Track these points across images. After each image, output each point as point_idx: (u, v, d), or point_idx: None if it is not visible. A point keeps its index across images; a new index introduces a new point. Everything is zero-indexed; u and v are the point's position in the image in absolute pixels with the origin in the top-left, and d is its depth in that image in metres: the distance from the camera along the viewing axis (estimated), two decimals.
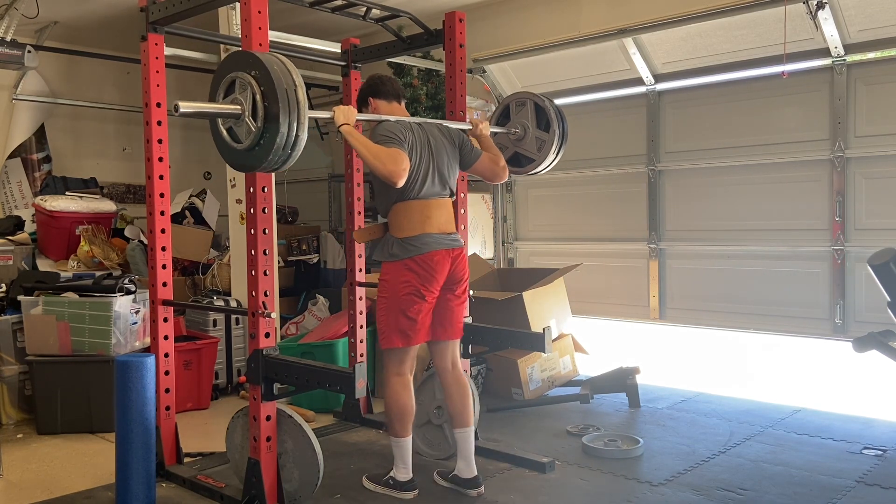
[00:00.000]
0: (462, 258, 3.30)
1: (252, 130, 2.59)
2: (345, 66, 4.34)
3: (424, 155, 3.19)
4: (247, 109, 2.60)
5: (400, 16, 3.91)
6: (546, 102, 3.75)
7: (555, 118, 3.72)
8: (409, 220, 3.18)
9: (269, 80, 2.54)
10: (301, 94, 2.57)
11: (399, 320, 3.17)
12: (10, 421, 4.38)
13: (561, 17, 5.62)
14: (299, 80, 2.60)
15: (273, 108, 2.53)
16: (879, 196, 4.57)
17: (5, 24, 5.54)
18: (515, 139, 3.83)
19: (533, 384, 4.78)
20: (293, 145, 2.59)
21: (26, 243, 5.47)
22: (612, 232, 5.75)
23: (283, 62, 2.62)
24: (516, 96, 3.89)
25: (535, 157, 3.79)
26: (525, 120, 3.80)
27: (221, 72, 2.73)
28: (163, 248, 3.50)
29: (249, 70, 2.60)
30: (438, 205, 3.24)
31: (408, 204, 3.18)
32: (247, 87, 2.59)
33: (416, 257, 3.14)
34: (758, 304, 5.02)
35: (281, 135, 2.54)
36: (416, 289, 3.14)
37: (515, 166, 3.86)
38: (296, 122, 2.56)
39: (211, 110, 2.68)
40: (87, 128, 6.94)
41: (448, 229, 3.26)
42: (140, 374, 3.06)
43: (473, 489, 3.29)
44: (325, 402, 4.57)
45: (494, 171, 3.44)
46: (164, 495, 3.30)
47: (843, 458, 3.69)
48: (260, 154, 2.61)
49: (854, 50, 4.57)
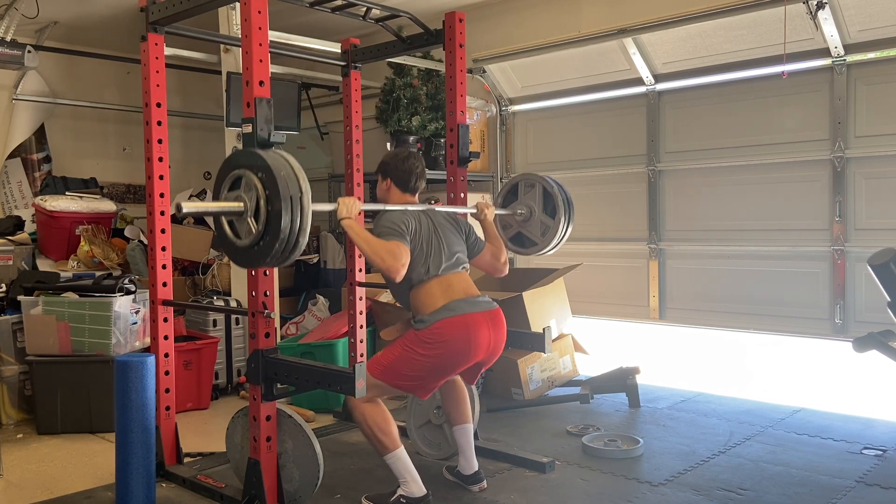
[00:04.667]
0: (501, 324, 3.12)
1: (252, 231, 2.59)
2: (345, 66, 4.34)
3: (433, 239, 3.13)
4: (249, 209, 2.58)
5: (400, 16, 3.91)
6: (555, 188, 3.72)
7: (562, 205, 3.70)
8: (432, 297, 3.05)
9: (275, 184, 2.51)
10: (307, 201, 2.55)
11: (413, 375, 3.01)
12: (10, 421, 4.38)
13: (561, 17, 5.62)
14: (306, 186, 2.57)
15: (276, 213, 2.51)
16: (879, 196, 4.57)
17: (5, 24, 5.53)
18: (521, 220, 3.83)
19: (533, 384, 4.78)
20: (292, 249, 2.57)
21: (26, 243, 5.47)
22: (612, 232, 5.75)
23: (292, 166, 2.58)
24: (525, 177, 3.89)
25: (538, 241, 3.80)
26: (532, 202, 3.79)
27: (228, 166, 2.71)
28: (163, 248, 3.50)
29: (256, 171, 2.58)
30: (458, 276, 3.15)
31: (426, 284, 3.07)
32: (252, 187, 2.57)
33: (451, 321, 2.97)
34: (758, 304, 5.02)
35: (281, 241, 2.52)
36: (443, 363, 2.99)
37: (518, 246, 3.88)
38: (297, 228, 2.54)
39: (214, 209, 2.66)
40: (87, 128, 6.94)
41: (474, 293, 3.15)
42: (140, 374, 3.05)
43: (475, 484, 3.31)
44: (325, 402, 4.57)
45: (495, 267, 3.38)
46: (164, 495, 3.30)
47: (843, 458, 3.69)
48: (258, 254, 2.60)
49: (854, 50, 4.57)
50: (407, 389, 3.09)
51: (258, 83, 2.84)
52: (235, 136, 4.55)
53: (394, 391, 3.10)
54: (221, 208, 2.63)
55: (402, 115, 5.67)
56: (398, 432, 3.10)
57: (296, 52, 4.63)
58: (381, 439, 3.04)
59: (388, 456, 3.06)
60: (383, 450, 3.06)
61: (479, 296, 3.15)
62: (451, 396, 3.38)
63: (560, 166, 5.96)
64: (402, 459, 3.07)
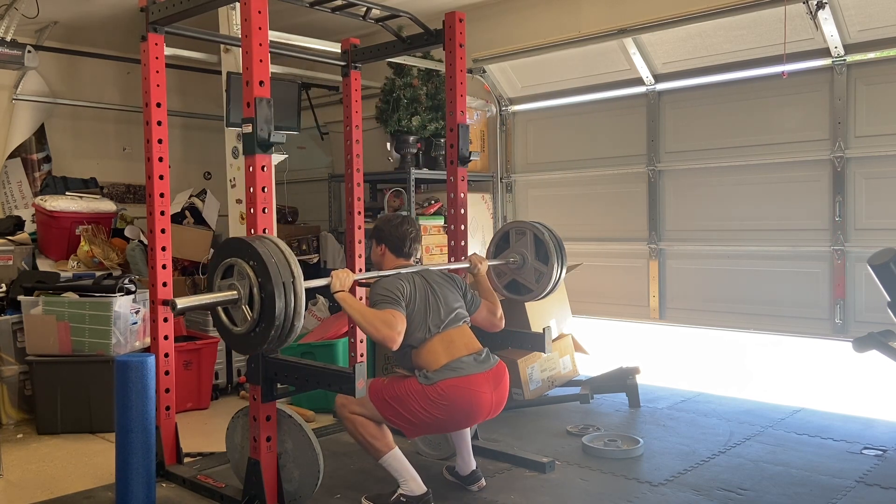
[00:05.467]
0: (504, 382, 3.12)
1: (248, 319, 2.63)
2: (345, 66, 4.34)
3: (429, 298, 3.14)
4: (243, 296, 2.63)
5: (400, 16, 3.91)
6: (545, 235, 3.74)
7: (553, 252, 3.72)
8: (435, 354, 3.05)
9: (266, 273, 2.57)
10: (299, 286, 2.59)
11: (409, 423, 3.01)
12: (10, 421, 4.38)
13: (561, 17, 5.62)
14: (298, 271, 2.62)
15: (269, 299, 2.56)
16: (879, 196, 4.57)
17: (5, 24, 5.53)
18: (514, 267, 3.85)
19: (533, 384, 4.77)
20: (289, 333, 2.62)
21: (26, 243, 5.47)
22: (613, 232, 5.74)
23: (283, 251, 2.63)
24: (516, 225, 3.92)
25: (533, 288, 3.83)
26: (524, 249, 3.82)
27: (220, 255, 2.76)
28: (163, 248, 3.50)
29: (247, 259, 2.62)
30: (459, 331, 3.16)
31: (427, 343, 3.08)
32: (245, 275, 2.62)
33: (453, 381, 2.96)
34: (758, 304, 5.02)
35: (276, 327, 2.57)
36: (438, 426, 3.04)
37: (513, 293, 3.90)
38: (292, 313, 2.58)
39: (209, 301, 2.71)
40: (87, 128, 6.93)
41: (476, 348, 3.15)
42: (140, 374, 3.06)
43: (473, 483, 3.32)
44: (325, 402, 4.56)
45: (492, 322, 3.39)
46: (164, 495, 3.30)
47: (843, 458, 3.69)
48: (256, 340, 2.65)
49: (854, 50, 4.57)
50: (396, 426, 3.07)
51: (258, 83, 2.84)
52: (235, 136, 4.55)
53: (382, 420, 3.08)
54: (216, 299, 2.68)
55: (402, 115, 5.67)
56: (391, 433, 3.10)
57: (296, 52, 4.63)
58: (373, 444, 3.06)
59: (383, 459, 3.06)
60: (377, 454, 3.07)
61: (482, 351, 3.15)
62: None
63: (560, 166, 5.96)
64: (398, 460, 3.07)
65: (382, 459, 3.06)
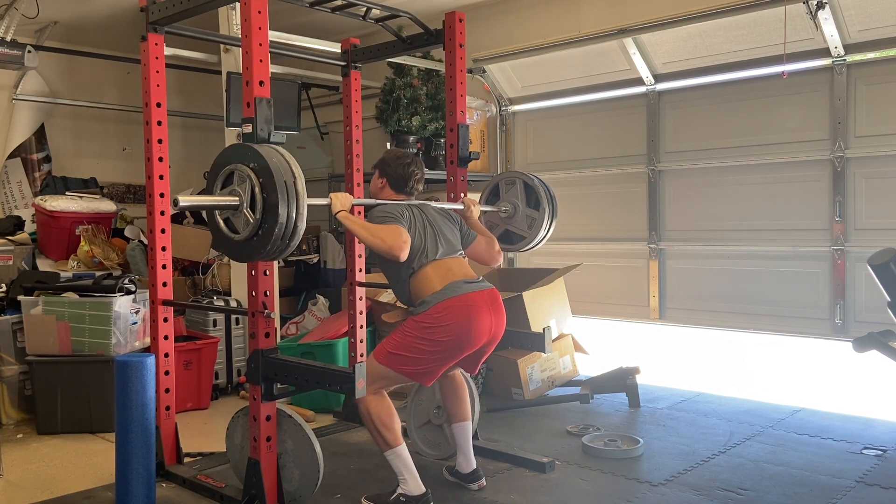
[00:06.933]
0: (499, 304, 3.13)
1: (250, 222, 2.60)
2: (345, 66, 4.34)
3: (427, 228, 3.15)
4: (245, 201, 2.61)
5: (400, 16, 3.91)
6: (535, 181, 3.79)
7: (544, 196, 3.76)
8: (431, 281, 3.05)
9: (268, 172, 2.55)
10: (300, 185, 2.58)
11: (418, 359, 2.99)
12: (10, 421, 4.38)
13: (561, 17, 5.62)
14: (298, 171, 2.60)
15: (272, 200, 2.53)
16: (879, 196, 4.57)
17: (5, 24, 5.53)
18: (506, 217, 3.87)
19: (533, 384, 4.78)
20: (291, 235, 2.59)
21: (26, 243, 5.47)
22: (613, 232, 5.75)
23: (282, 154, 2.63)
24: (505, 176, 3.96)
25: (526, 234, 3.84)
26: (515, 198, 3.85)
27: (219, 164, 2.73)
28: (163, 248, 3.50)
29: (248, 162, 2.61)
30: (456, 261, 3.17)
31: (424, 270, 3.07)
32: (245, 178, 2.60)
33: (453, 301, 2.97)
34: (758, 304, 5.02)
35: (280, 225, 2.54)
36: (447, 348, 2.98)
37: (507, 243, 3.91)
38: (295, 213, 2.56)
39: (210, 203, 2.69)
40: (87, 128, 6.94)
41: (471, 275, 3.16)
42: (140, 374, 3.05)
43: (474, 482, 3.32)
44: (325, 402, 4.57)
45: (490, 255, 3.39)
46: (164, 495, 3.30)
47: (843, 458, 3.69)
48: (258, 244, 2.61)
49: (854, 50, 4.57)
50: (411, 376, 3.06)
51: (258, 83, 2.84)
52: (235, 135, 4.55)
53: (398, 379, 3.07)
54: (218, 202, 2.66)
55: (402, 115, 5.67)
56: (401, 429, 3.10)
57: (296, 52, 4.63)
58: (383, 434, 3.04)
59: (388, 452, 3.05)
60: (384, 445, 3.05)
61: (478, 279, 3.16)
62: (451, 393, 3.39)
63: (560, 166, 5.96)
64: (402, 457, 3.05)
65: (388, 452, 3.05)
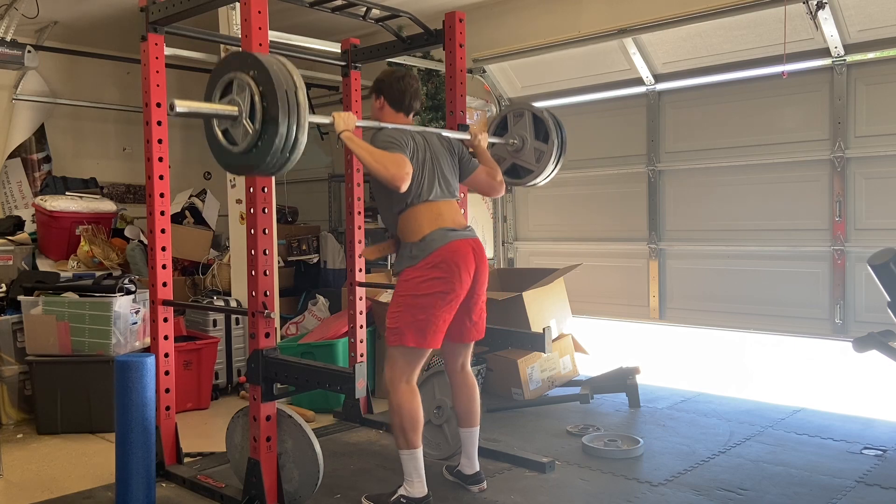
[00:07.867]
0: (482, 252, 3.16)
1: (249, 132, 2.51)
2: (345, 66, 4.34)
3: (427, 160, 3.14)
4: (244, 110, 2.52)
5: (400, 16, 3.91)
6: (544, 113, 3.72)
7: (553, 128, 3.69)
8: (419, 223, 3.07)
9: (269, 80, 2.47)
10: (301, 95, 2.51)
11: (418, 319, 2.99)
12: (10, 421, 4.38)
13: (561, 17, 5.62)
14: (300, 81, 2.53)
15: (272, 110, 2.46)
16: (879, 196, 4.57)
17: (5, 24, 5.54)
18: (513, 150, 3.80)
19: (533, 384, 4.78)
20: (292, 148, 2.51)
21: (26, 243, 5.47)
22: (612, 232, 5.75)
23: (283, 63, 2.55)
24: (513, 107, 3.87)
25: (533, 168, 3.77)
26: (523, 131, 3.77)
27: (218, 73, 2.66)
28: (163, 248, 3.50)
29: (248, 70, 2.53)
30: (448, 205, 3.17)
31: (416, 208, 3.09)
32: (245, 87, 2.52)
33: (439, 250, 3.00)
34: (758, 304, 5.02)
35: (280, 136, 2.46)
36: (442, 289, 3.00)
37: (514, 178, 3.84)
38: (295, 124, 2.48)
39: (208, 110, 2.60)
40: (87, 128, 6.94)
41: (462, 223, 3.19)
42: (140, 374, 3.05)
43: (475, 485, 3.31)
44: (325, 402, 4.57)
45: (491, 185, 3.38)
46: (164, 495, 3.30)
47: (843, 458, 3.69)
48: (257, 157, 2.53)
49: (854, 50, 4.57)
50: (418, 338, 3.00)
51: None
52: None
53: (414, 353, 3.04)
54: (216, 110, 2.58)
55: None
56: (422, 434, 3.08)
57: (296, 52, 4.62)
58: (407, 433, 3.02)
59: (405, 451, 3.04)
60: (404, 444, 3.04)
61: (466, 227, 3.18)
62: (464, 396, 3.33)
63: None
64: (417, 460, 3.04)
65: (406, 452, 3.04)
